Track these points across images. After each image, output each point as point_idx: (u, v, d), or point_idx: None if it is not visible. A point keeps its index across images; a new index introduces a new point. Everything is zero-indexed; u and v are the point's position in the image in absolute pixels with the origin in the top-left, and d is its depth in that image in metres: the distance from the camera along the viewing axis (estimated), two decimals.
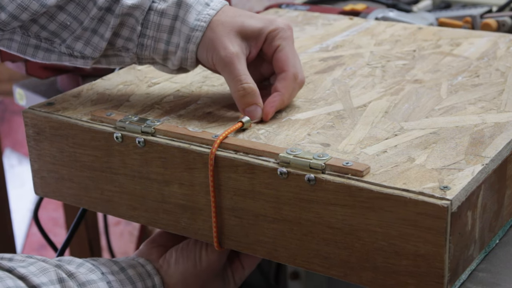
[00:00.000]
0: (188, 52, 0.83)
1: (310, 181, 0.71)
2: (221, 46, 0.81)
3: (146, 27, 0.83)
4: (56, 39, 0.84)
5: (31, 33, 0.83)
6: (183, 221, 0.81)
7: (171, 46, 0.83)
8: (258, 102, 0.81)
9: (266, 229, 0.75)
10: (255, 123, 0.82)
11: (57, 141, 0.86)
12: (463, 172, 0.70)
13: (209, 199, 0.78)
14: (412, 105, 0.85)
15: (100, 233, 1.68)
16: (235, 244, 0.78)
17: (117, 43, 0.85)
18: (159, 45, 0.84)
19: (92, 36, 0.84)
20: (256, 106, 0.81)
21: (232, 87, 0.82)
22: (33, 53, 0.85)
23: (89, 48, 0.84)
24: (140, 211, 0.83)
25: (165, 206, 0.81)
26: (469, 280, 0.73)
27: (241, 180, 0.75)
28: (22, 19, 0.80)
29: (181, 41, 0.83)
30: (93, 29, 0.84)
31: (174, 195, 0.80)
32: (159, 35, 0.83)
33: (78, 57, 0.85)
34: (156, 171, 0.80)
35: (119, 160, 0.82)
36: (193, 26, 0.82)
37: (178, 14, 0.83)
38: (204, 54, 0.82)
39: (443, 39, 1.06)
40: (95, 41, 0.84)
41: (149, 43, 0.84)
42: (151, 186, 0.81)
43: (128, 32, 0.84)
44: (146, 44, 0.84)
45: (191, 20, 0.82)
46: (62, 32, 0.84)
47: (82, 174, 0.86)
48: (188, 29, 0.82)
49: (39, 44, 0.84)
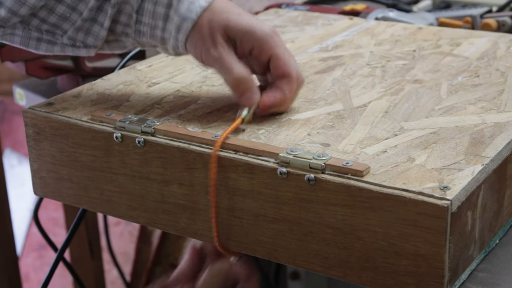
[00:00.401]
0: (178, 41, 0.84)
1: (310, 181, 0.71)
2: (210, 44, 0.82)
3: (142, 14, 0.84)
4: (58, 30, 0.85)
5: (32, 26, 0.84)
6: (182, 222, 0.81)
7: (167, 33, 0.85)
8: (252, 88, 0.82)
9: (266, 229, 0.75)
10: (255, 123, 0.81)
11: (57, 141, 0.86)
12: (463, 172, 0.70)
13: (209, 199, 0.78)
14: (412, 105, 0.85)
15: (100, 233, 1.68)
16: (235, 244, 0.78)
17: (116, 29, 0.86)
18: (155, 32, 0.85)
19: (92, 26, 0.85)
20: (251, 93, 0.81)
21: (226, 80, 0.83)
22: (36, 46, 0.85)
23: (91, 37, 0.85)
24: (140, 211, 0.83)
25: (165, 206, 0.81)
26: (469, 280, 0.73)
27: (240, 180, 0.75)
28: (22, 13, 0.81)
29: (172, 30, 0.84)
30: (93, 19, 0.85)
31: (173, 195, 0.80)
32: (154, 23, 0.85)
33: (81, 47, 0.86)
34: (156, 171, 0.80)
35: (119, 160, 0.82)
36: (184, 16, 0.83)
37: (171, 2, 0.83)
38: (193, 48, 0.83)
39: (443, 39, 1.06)
40: (95, 30, 0.85)
41: (146, 30, 0.85)
42: (150, 186, 0.81)
43: (126, 19, 0.85)
44: (143, 31, 0.85)
45: (183, 10, 0.83)
46: (62, 23, 0.84)
47: (82, 174, 0.86)
48: (178, 19, 0.83)
49: (41, 36, 0.85)
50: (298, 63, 0.98)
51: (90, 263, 1.65)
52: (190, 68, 0.98)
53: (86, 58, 1.20)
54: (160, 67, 0.99)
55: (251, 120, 0.81)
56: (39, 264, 2.36)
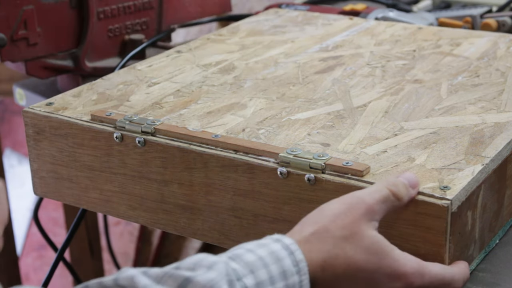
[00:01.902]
0: None
1: (310, 181, 0.71)
2: None
3: None
4: None
5: None
6: (182, 221, 0.81)
7: None
8: None
9: (266, 229, 0.75)
10: (255, 123, 0.81)
11: (57, 141, 0.86)
12: (463, 172, 0.70)
13: (208, 199, 0.78)
14: (412, 105, 0.85)
15: (100, 233, 1.68)
16: (235, 244, 0.78)
17: None
18: None
19: None
20: None
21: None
22: None
23: None
24: (139, 211, 0.83)
25: (164, 206, 0.81)
26: (469, 280, 0.73)
27: (241, 180, 0.75)
28: None
29: None
30: None
31: (173, 195, 0.80)
32: None
33: None
34: (155, 171, 0.80)
35: (119, 160, 0.82)
36: None
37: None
38: None
39: (443, 39, 1.06)
40: None
41: None
42: (150, 186, 0.81)
43: None
44: None
45: None
46: None
47: (81, 174, 0.86)
48: None
49: None
50: (298, 63, 0.98)
51: (90, 263, 1.65)
52: (190, 68, 0.98)
53: (86, 58, 1.20)
54: (160, 67, 0.99)
55: None
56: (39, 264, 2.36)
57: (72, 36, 1.18)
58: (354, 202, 0.66)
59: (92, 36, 1.19)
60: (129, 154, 0.81)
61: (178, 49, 1.06)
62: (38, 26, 1.13)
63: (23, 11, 1.11)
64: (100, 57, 1.23)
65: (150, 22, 1.26)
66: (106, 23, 1.20)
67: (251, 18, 1.19)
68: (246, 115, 0.84)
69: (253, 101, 0.87)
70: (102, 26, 1.20)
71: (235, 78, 0.94)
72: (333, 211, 0.65)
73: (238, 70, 0.97)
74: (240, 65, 0.99)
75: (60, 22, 1.16)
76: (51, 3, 1.14)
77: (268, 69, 0.97)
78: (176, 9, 1.29)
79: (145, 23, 1.25)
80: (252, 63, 0.99)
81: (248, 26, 1.14)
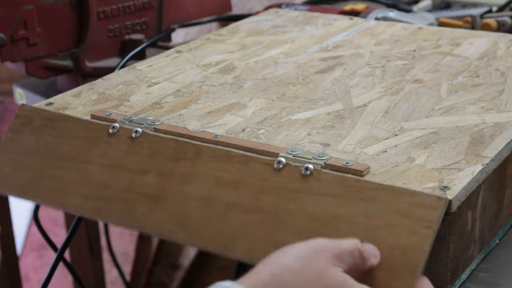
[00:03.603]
0: None
1: (308, 170, 0.69)
2: None
3: None
4: None
5: None
6: (139, 212, 0.75)
7: None
8: None
9: (234, 220, 0.70)
10: (255, 123, 0.81)
11: (41, 131, 0.82)
12: (463, 172, 0.70)
13: (181, 189, 0.73)
14: (412, 105, 0.85)
15: (100, 233, 1.68)
16: (186, 237, 0.72)
17: None
18: None
19: None
20: None
21: None
22: None
23: None
24: (92, 199, 0.77)
25: (126, 195, 0.76)
26: (469, 280, 0.73)
27: (230, 170, 0.72)
28: None
29: None
30: None
31: (143, 184, 0.76)
32: None
33: None
34: (136, 161, 0.77)
35: (101, 149, 0.79)
36: None
37: None
38: None
39: (443, 39, 1.06)
40: None
41: None
42: (122, 175, 0.77)
43: None
44: None
45: None
46: None
47: (48, 163, 0.81)
48: None
49: None
50: (298, 63, 0.98)
51: (90, 263, 1.65)
52: (190, 68, 0.98)
53: (86, 58, 1.20)
54: (160, 67, 0.99)
55: None
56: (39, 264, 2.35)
57: (72, 36, 1.18)
58: (320, 246, 0.62)
59: (92, 36, 1.19)
60: (118, 144, 0.78)
61: (178, 49, 1.06)
62: (38, 26, 1.13)
63: (23, 11, 1.11)
64: (100, 57, 1.23)
65: (150, 22, 1.26)
66: (106, 23, 1.20)
67: (251, 18, 1.19)
68: (246, 115, 0.84)
69: (253, 101, 0.88)
70: (102, 26, 1.20)
71: (235, 78, 0.94)
72: (298, 252, 0.62)
73: (238, 70, 0.97)
74: (240, 65, 0.99)
75: (60, 22, 1.16)
76: (51, 3, 1.14)
77: (268, 69, 0.97)
78: (176, 9, 1.29)
79: (145, 23, 1.25)
80: (252, 63, 0.99)
81: (248, 26, 1.15)
